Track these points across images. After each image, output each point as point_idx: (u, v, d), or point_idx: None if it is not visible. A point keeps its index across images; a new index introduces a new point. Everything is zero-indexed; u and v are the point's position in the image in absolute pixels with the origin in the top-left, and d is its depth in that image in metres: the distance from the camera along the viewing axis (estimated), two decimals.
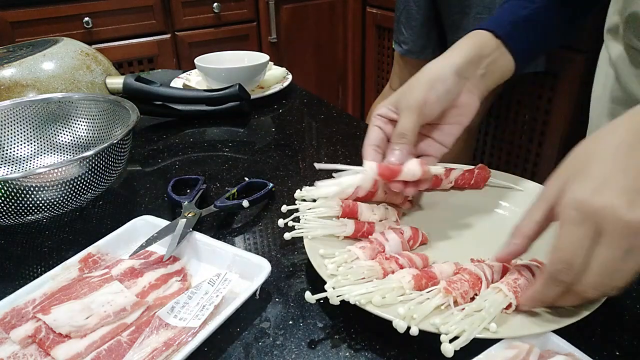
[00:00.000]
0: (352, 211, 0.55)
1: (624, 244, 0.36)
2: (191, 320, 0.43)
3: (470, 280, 0.43)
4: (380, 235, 0.51)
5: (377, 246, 0.49)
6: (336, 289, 0.43)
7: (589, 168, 0.39)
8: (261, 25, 2.07)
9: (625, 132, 0.39)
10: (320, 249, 0.49)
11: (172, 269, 0.50)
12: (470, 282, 0.43)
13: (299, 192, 0.57)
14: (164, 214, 0.61)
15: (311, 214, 0.54)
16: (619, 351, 0.41)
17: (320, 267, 0.47)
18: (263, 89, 1.02)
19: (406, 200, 0.59)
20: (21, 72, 0.77)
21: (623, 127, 0.40)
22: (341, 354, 0.42)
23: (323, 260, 0.48)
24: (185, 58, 1.95)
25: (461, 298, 0.42)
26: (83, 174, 0.57)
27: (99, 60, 0.86)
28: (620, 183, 0.37)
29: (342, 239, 0.52)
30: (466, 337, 0.38)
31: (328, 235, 0.52)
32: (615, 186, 0.37)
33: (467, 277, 0.44)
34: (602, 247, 0.37)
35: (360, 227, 0.53)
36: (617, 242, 0.36)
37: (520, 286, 0.42)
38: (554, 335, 0.40)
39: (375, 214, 0.55)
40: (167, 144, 0.83)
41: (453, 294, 0.42)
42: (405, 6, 1.54)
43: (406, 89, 0.56)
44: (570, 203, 0.38)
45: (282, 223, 0.54)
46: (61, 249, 0.57)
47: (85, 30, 1.76)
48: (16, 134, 0.71)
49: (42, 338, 0.41)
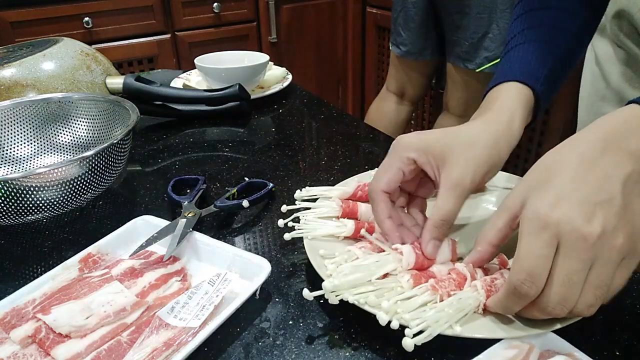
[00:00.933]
0: (352, 211, 0.55)
1: (583, 255, 0.36)
2: (191, 320, 0.43)
3: (457, 280, 0.44)
4: (380, 235, 0.51)
5: (376, 247, 0.49)
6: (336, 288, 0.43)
7: (550, 180, 0.39)
8: (261, 25, 2.07)
9: (586, 144, 0.39)
10: (320, 249, 0.49)
11: (172, 269, 0.50)
12: (456, 281, 0.44)
13: (299, 193, 0.57)
14: (164, 214, 0.61)
15: (311, 214, 0.54)
16: (619, 351, 0.41)
17: (320, 267, 0.47)
18: (263, 89, 1.02)
19: None
20: (21, 72, 0.77)
21: (585, 139, 0.40)
22: (341, 354, 0.42)
23: (323, 261, 0.48)
24: (185, 58, 1.95)
25: (447, 296, 0.43)
26: (83, 174, 0.57)
27: (99, 60, 0.86)
28: (579, 195, 0.37)
29: (342, 239, 0.52)
30: (429, 333, 0.39)
31: (328, 235, 0.52)
32: (574, 199, 0.37)
33: (454, 277, 0.45)
34: (561, 258, 0.37)
35: (360, 227, 0.52)
36: (577, 254, 0.36)
37: (496, 286, 0.43)
38: (554, 335, 0.40)
39: None
40: (167, 144, 0.83)
41: (440, 292, 0.42)
42: (403, 7, 1.54)
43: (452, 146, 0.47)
44: (529, 214, 0.38)
45: (282, 223, 0.54)
46: (61, 249, 0.57)
47: (85, 30, 1.76)
48: (16, 134, 0.71)
49: (42, 338, 0.41)
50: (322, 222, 0.53)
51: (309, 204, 0.56)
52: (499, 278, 0.43)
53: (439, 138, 0.48)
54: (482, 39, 1.38)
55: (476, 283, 0.43)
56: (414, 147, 0.48)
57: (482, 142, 0.47)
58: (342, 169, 0.72)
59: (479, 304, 0.42)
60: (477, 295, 0.42)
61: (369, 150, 0.79)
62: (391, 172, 0.48)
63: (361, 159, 0.75)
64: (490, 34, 1.37)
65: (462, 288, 0.44)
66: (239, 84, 0.88)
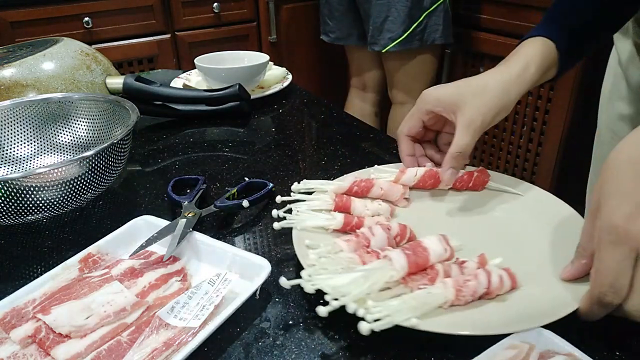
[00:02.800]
0: (345, 205, 0.56)
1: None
2: (191, 320, 0.43)
3: (430, 275, 0.45)
4: (368, 229, 0.51)
5: (362, 240, 0.50)
6: (312, 277, 0.44)
7: (623, 186, 0.38)
8: (261, 25, 2.07)
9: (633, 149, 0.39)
10: (306, 239, 0.50)
11: (172, 269, 0.50)
12: (429, 276, 0.45)
13: (296, 185, 0.58)
14: (164, 214, 0.61)
15: (304, 206, 0.55)
16: (619, 351, 0.41)
17: (303, 256, 0.48)
18: (263, 89, 1.02)
19: (402, 197, 0.59)
20: (21, 72, 0.77)
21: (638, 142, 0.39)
22: (341, 354, 0.42)
23: (307, 251, 0.49)
24: (185, 58, 1.95)
25: (417, 289, 0.44)
26: (83, 174, 0.57)
27: (99, 60, 0.86)
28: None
29: (331, 231, 0.53)
30: (388, 321, 0.40)
31: (318, 227, 0.53)
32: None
33: (428, 272, 0.46)
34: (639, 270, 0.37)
35: (349, 220, 0.53)
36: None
37: (468, 287, 0.43)
38: (554, 335, 0.40)
39: (368, 209, 0.56)
40: (167, 144, 0.83)
41: (410, 285, 0.44)
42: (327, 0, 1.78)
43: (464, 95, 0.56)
44: (606, 227, 0.38)
45: (276, 214, 0.55)
46: (61, 249, 0.57)
47: (85, 30, 1.76)
48: (16, 134, 0.71)
49: (42, 338, 0.41)
50: (314, 214, 0.54)
51: (305, 196, 0.57)
52: (472, 280, 0.44)
53: (454, 89, 0.57)
54: (383, 22, 1.59)
55: (447, 280, 0.44)
56: (432, 99, 0.58)
57: (492, 90, 0.55)
58: (342, 169, 0.72)
59: (446, 301, 0.43)
60: (445, 292, 0.43)
61: (369, 150, 0.79)
62: (412, 120, 0.61)
63: (361, 159, 0.75)
64: (390, 17, 1.58)
65: (434, 283, 0.45)
66: (239, 84, 0.88)
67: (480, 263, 0.47)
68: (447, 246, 0.48)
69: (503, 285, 0.44)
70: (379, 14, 1.59)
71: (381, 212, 0.56)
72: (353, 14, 1.74)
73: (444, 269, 0.46)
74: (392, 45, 1.61)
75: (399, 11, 1.56)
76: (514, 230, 0.55)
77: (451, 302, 0.43)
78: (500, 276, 0.45)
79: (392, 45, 1.61)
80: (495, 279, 0.44)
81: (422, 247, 0.46)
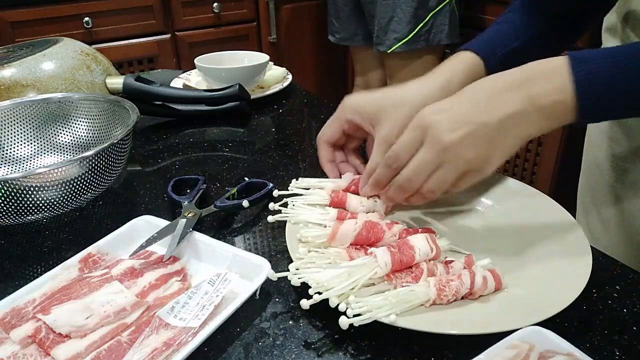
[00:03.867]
0: (340, 201, 0.57)
1: (435, 155, 0.45)
2: (191, 320, 0.43)
3: (414, 273, 0.46)
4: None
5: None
6: (299, 270, 0.45)
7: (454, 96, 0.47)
8: (261, 25, 2.07)
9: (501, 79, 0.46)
10: (298, 233, 0.51)
11: (172, 269, 0.50)
12: (414, 274, 0.46)
13: (294, 182, 0.59)
14: (164, 214, 0.61)
15: (300, 201, 0.56)
16: (619, 351, 0.41)
17: (293, 250, 0.49)
18: (263, 89, 1.02)
19: None
20: (21, 72, 0.77)
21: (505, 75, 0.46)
22: (341, 354, 0.42)
23: (298, 244, 0.50)
24: (185, 58, 1.95)
25: (401, 287, 0.44)
26: (83, 174, 0.57)
27: (98, 60, 0.86)
28: (459, 111, 0.45)
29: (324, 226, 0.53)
30: (368, 316, 0.40)
31: (313, 223, 0.53)
32: (453, 111, 0.45)
33: (413, 270, 0.46)
34: (420, 151, 0.46)
35: (342, 216, 0.54)
36: (430, 151, 0.45)
37: (451, 287, 0.44)
38: (554, 335, 0.40)
39: (363, 206, 0.56)
40: (167, 144, 0.83)
41: (394, 282, 0.45)
42: (333, 0, 1.78)
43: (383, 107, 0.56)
44: (417, 115, 0.47)
45: (272, 206, 0.55)
46: (61, 249, 0.57)
47: (85, 30, 1.76)
48: (16, 134, 0.71)
49: (42, 338, 0.41)
50: (308, 209, 0.55)
51: (302, 191, 0.58)
52: (455, 280, 0.44)
53: (374, 100, 0.57)
54: (389, 22, 1.59)
55: (430, 280, 0.44)
56: (352, 109, 0.58)
57: (411, 103, 0.55)
58: None
59: (428, 299, 0.43)
60: (428, 291, 0.43)
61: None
62: (332, 128, 0.61)
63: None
64: (395, 17, 1.57)
65: (418, 282, 0.45)
66: (239, 84, 0.88)
67: (467, 263, 0.47)
68: (433, 245, 0.48)
69: (487, 287, 0.45)
70: (384, 14, 1.58)
71: (376, 209, 0.56)
72: (358, 15, 1.73)
73: (429, 268, 0.46)
74: (397, 45, 1.59)
75: (404, 11, 1.55)
76: (509, 231, 0.55)
77: (433, 301, 0.43)
78: (485, 277, 0.45)
79: (398, 45, 1.59)
80: (479, 280, 0.44)
81: (409, 245, 0.47)
